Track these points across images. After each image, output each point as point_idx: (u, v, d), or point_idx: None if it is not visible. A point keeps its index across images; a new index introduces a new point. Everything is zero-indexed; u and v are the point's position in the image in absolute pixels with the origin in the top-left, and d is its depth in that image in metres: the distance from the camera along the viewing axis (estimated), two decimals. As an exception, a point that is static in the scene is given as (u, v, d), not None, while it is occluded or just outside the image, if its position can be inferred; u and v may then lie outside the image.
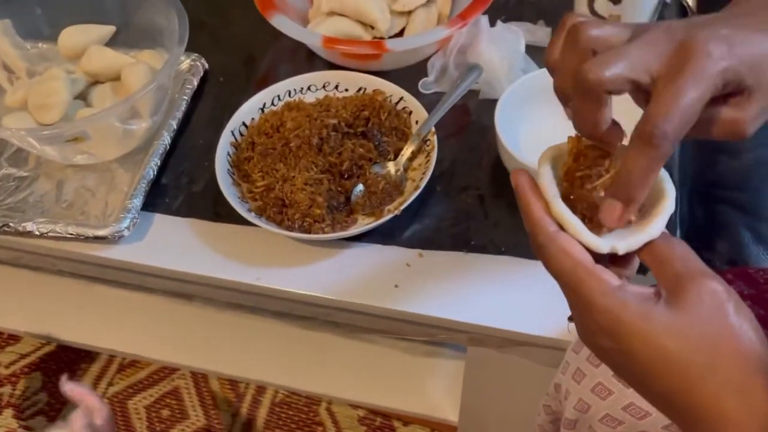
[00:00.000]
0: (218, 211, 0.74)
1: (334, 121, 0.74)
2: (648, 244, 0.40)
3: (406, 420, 1.13)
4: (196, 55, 0.87)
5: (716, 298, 0.35)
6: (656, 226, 0.40)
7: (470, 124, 0.81)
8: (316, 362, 1.09)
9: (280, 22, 0.81)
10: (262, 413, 1.17)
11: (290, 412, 1.17)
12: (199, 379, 1.21)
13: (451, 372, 1.02)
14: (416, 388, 1.04)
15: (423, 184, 0.70)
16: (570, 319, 0.58)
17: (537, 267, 0.68)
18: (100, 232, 0.71)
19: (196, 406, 1.18)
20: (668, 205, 0.41)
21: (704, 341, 0.34)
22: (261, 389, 1.19)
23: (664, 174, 0.42)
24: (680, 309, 0.35)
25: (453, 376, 1.01)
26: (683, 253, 0.38)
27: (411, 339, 0.98)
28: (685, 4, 0.78)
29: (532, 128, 0.77)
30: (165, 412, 1.18)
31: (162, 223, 0.75)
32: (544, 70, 0.77)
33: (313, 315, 0.76)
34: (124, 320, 1.13)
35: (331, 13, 0.88)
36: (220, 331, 1.11)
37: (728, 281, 0.39)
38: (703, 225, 0.74)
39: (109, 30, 0.83)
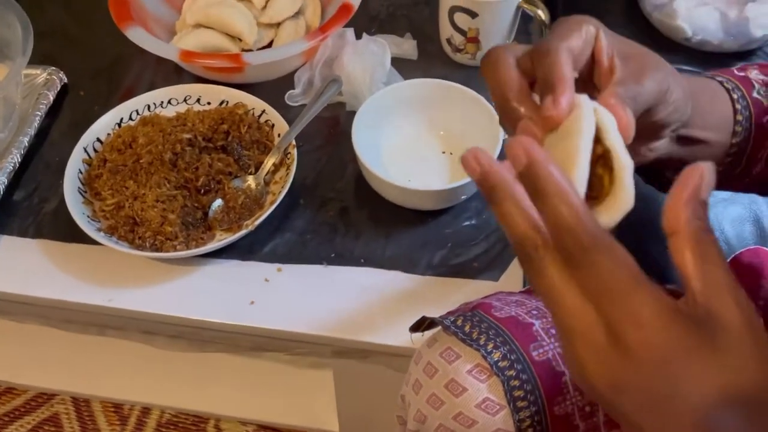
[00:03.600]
0: (71, 231, 0.71)
1: (189, 135, 0.72)
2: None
3: (296, 434, 1.11)
4: (54, 68, 0.84)
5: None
6: (627, 194, 0.35)
7: (337, 136, 0.81)
8: (202, 380, 1.06)
9: (136, 35, 0.79)
10: (148, 435, 1.13)
11: (177, 433, 1.13)
12: (81, 403, 1.16)
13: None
14: (303, 402, 1.03)
15: (280, 198, 0.69)
16: (411, 329, 0.59)
17: (392, 276, 0.70)
18: (-63, 257, 0.67)
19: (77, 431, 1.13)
20: (627, 172, 0.35)
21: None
22: (146, 410, 1.15)
23: (618, 147, 0.36)
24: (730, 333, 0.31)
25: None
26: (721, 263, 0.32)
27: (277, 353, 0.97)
28: (539, 20, 0.81)
29: (394, 139, 0.78)
30: (43, 441, 1.12)
31: (9, 245, 0.72)
32: (406, 82, 0.79)
33: (179, 334, 0.74)
34: (-6, 346, 1.08)
35: (198, 26, 0.87)
36: (100, 353, 1.07)
37: None
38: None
39: (-47, 43, 0.79)
